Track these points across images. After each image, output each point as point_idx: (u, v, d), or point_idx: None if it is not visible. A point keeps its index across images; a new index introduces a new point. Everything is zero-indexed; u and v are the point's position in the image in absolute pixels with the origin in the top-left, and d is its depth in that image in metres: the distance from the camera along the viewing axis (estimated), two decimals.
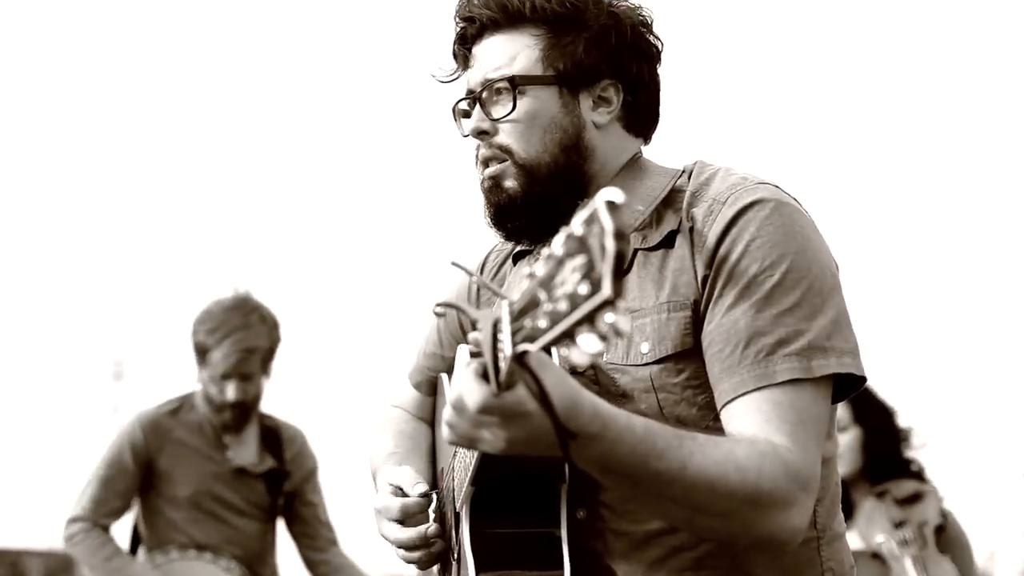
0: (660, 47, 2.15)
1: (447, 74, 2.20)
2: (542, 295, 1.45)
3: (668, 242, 2.03)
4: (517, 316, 1.50)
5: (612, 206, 1.36)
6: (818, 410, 1.91)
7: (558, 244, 1.43)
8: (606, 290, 1.34)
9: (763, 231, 1.95)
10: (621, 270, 1.34)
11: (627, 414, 1.76)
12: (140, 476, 4.47)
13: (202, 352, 4.43)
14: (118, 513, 4.49)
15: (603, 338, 1.37)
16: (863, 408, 4.42)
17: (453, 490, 2.15)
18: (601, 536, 2.00)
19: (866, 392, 4.40)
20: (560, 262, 1.42)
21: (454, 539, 2.12)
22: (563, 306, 1.40)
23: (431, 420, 2.45)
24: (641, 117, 2.16)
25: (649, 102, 2.16)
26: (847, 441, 4.39)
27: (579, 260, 1.38)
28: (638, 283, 2.03)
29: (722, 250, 1.96)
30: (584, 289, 1.37)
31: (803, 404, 1.89)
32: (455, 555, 2.12)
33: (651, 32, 2.14)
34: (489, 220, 2.13)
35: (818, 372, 1.90)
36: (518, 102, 2.06)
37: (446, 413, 1.71)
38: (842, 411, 4.31)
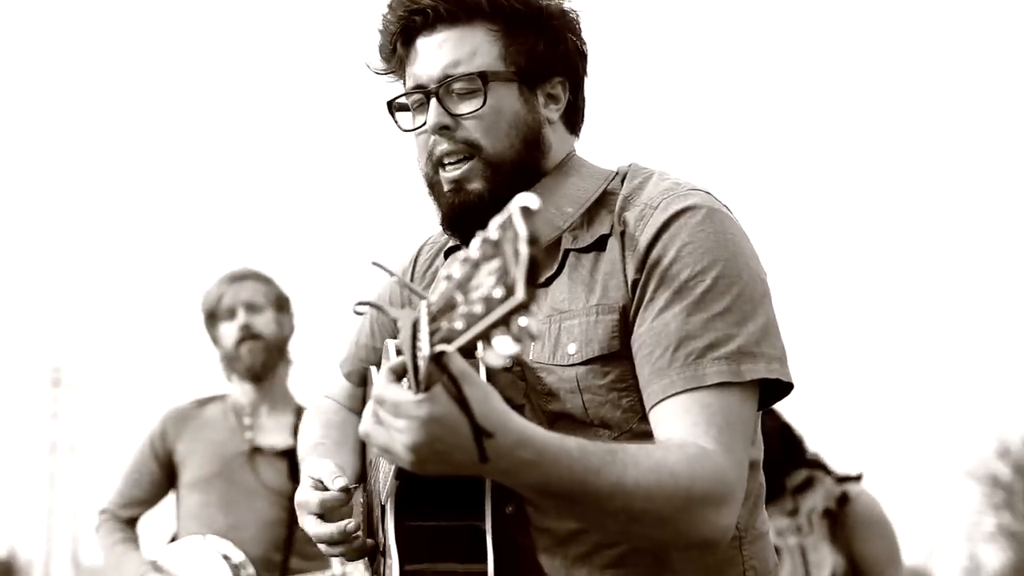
0: (587, 49, 2.18)
1: (382, 68, 2.17)
2: (459, 297, 1.47)
3: (600, 245, 2.04)
4: (435, 317, 1.52)
5: (527, 212, 1.39)
6: (745, 413, 1.94)
7: (474, 248, 1.45)
8: (519, 294, 1.36)
9: (695, 237, 1.97)
10: (534, 275, 1.37)
11: (560, 436, 1.79)
12: (163, 469, 4.49)
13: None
14: (140, 505, 4.49)
15: (517, 340, 1.40)
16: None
17: (380, 482, 2.16)
18: (527, 532, 2.02)
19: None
20: (476, 265, 1.45)
21: (380, 531, 2.13)
22: (478, 308, 1.43)
23: (361, 410, 2.46)
24: (578, 115, 2.19)
25: (583, 101, 2.19)
26: None
27: (494, 264, 1.41)
28: (568, 285, 2.04)
29: (653, 255, 1.97)
30: (499, 293, 1.40)
31: (731, 407, 1.91)
32: (382, 547, 2.13)
33: (580, 29, 2.16)
34: (445, 221, 2.12)
35: (747, 376, 1.92)
36: (488, 97, 2.04)
37: (365, 416, 1.73)
38: None
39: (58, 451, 41.32)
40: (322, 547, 2.12)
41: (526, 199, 1.40)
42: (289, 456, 4.39)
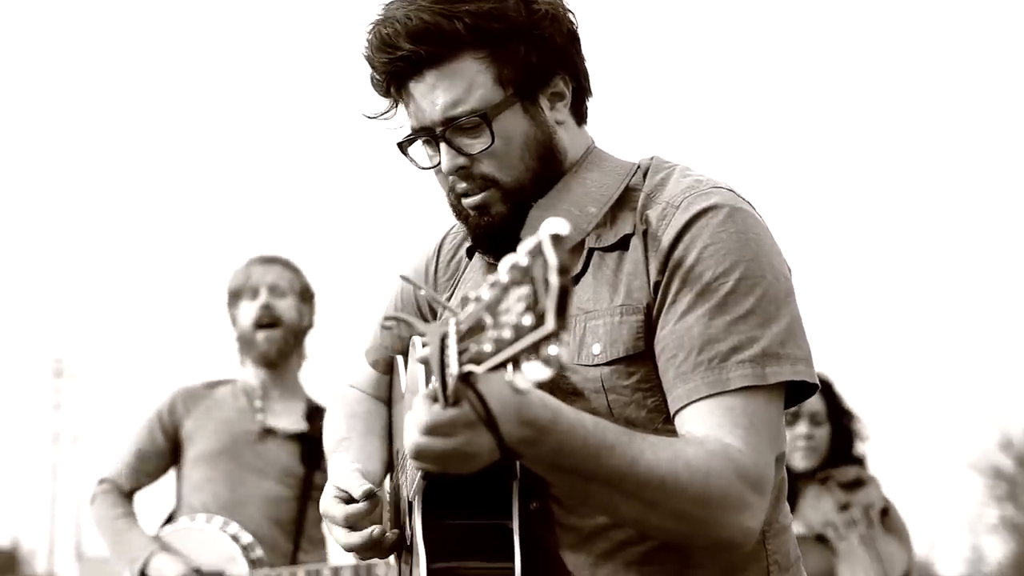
0: (576, 20, 2.10)
1: (381, 112, 2.12)
2: (488, 319, 1.47)
3: (623, 244, 2.03)
4: (464, 337, 1.52)
5: (556, 239, 1.38)
6: (770, 415, 1.94)
7: (503, 271, 1.45)
8: (550, 324, 1.36)
9: (717, 237, 1.96)
10: (565, 305, 1.37)
11: (575, 410, 1.81)
12: (169, 443, 4.47)
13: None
14: (143, 477, 4.48)
15: (547, 365, 1.40)
16: (835, 406, 4.72)
17: (408, 475, 2.17)
18: (551, 529, 2.03)
19: (835, 393, 4.75)
20: (505, 289, 1.44)
21: (407, 526, 2.15)
22: (507, 334, 1.43)
23: (388, 399, 2.46)
24: (585, 97, 2.14)
25: (587, 80, 2.13)
26: (823, 435, 4.68)
27: (523, 290, 1.41)
28: (593, 284, 2.04)
29: (676, 256, 1.96)
30: (528, 320, 1.39)
31: (755, 409, 1.91)
32: (409, 542, 2.14)
33: (565, 8, 2.09)
34: (474, 241, 2.14)
35: (771, 379, 1.92)
36: (495, 132, 2.01)
37: (407, 437, 1.77)
38: (820, 405, 4.64)
39: (61, 441, 41.61)
40: (352, 554, 2.14)
41: (556, 225, 1.39)
42: (301, 440, 4.44)
